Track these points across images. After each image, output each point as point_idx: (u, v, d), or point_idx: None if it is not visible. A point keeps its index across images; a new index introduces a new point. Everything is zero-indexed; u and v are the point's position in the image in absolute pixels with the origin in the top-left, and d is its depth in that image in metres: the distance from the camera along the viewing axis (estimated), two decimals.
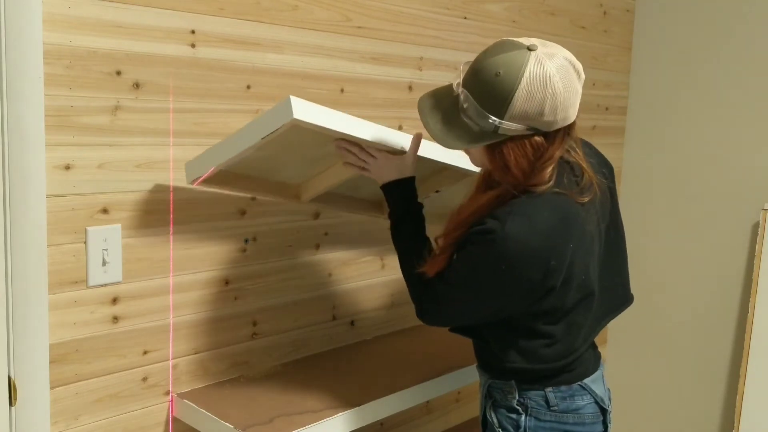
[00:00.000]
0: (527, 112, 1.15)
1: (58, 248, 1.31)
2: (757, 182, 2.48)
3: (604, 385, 1.41)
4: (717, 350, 2.61)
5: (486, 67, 1.17)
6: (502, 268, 1.21)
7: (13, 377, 1.26)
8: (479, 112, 1.17)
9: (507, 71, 1.14)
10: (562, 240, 1.23)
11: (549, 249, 1.21)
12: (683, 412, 2.72)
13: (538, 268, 1.21)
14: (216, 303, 1.57)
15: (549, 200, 1.22)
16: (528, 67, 1.14)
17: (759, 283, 2.37)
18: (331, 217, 1.77)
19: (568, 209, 1.24)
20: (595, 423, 1.36)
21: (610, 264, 1.40)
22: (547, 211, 1.22)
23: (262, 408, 1.45)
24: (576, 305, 1.30)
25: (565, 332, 1.31)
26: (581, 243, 1.27)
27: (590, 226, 1.29)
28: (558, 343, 1.31)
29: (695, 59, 2.61)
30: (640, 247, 2.78)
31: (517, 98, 1.14)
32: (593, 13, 2.55)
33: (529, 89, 1.14)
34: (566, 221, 1.24)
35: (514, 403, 1.34)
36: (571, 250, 1.24)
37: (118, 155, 1.37)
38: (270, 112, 1.27)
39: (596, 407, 1.36)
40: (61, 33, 1.27)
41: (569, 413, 1.34)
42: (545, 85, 1.14)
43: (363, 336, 1.92)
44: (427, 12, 1.92)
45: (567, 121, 1.21)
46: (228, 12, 1.50)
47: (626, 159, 2.82)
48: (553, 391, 1.33)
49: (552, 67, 1.15)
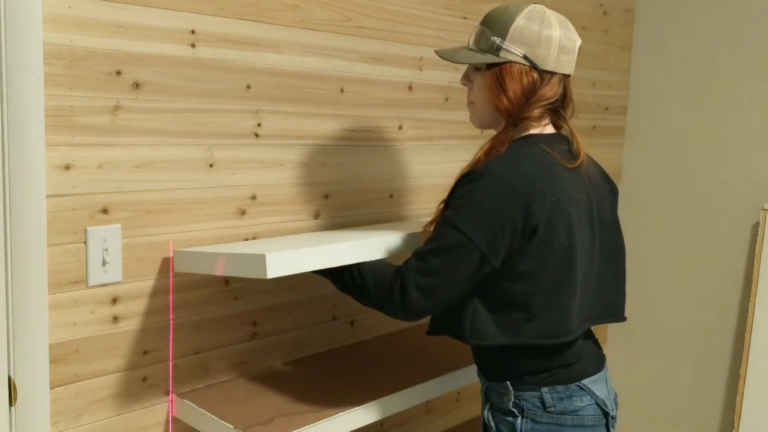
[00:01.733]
0: (525, 35, 1.30)
1: (58, 248, 1.31)
2: (757, 182, 2.48)
3: (608, 388, 1.38)
4: (717, 350, 2.62)
5: (497, 7, 1.37)
6: (486, 204, 1.24)
7: (13, 377, 1.26)
8: (485, 36, 1.33)
9: (514, 5, 1.35)
10: (544, 187, 1.26)
11: (530, 192, 1.24)
12: (683, 412, 2.72)
13: (520, 206, 1.24)
14: (216, 303, 1.57)
15: (535, 153, 1.30)
16: (532, 5, 1.35)
17: (759, 283, 2.37)
18: (331, 217, 1.77)
19: (553, 165, 1.30)
20: (596, 426, 1.33)
21: (607, 273, 1.41)
22: (531, 159, 1.29)
23: (262, 408, 1.45)
24: (556, 278, 1.28)
25: (544, 308, 1.28)
26: (564, 202, 1.28)
27: (578, 195, 1.32)
28: (537, 320, 1.28)
29: (695, 59, 2.61)
30: (640, 247, 2.78)
31: (518, 22, 1.31)
32: (593, 13, 2.55)
33: (529, 16, 1.31)
34: (550, 173, 1.29)
35: (510, 406, 1.33)
36: (552, 203, 1.26)
37: (118, 155, 1.37)
38: (247, 259, 1.28)
39: (597, 409, 1.34)
40: (61, 33, 1.27)
41: (567, 415, 1.31)
42: (543, 19, 1.32)
43: (363, 336, 1.92)
44: (427, 12, 1.92)
45: (561, 67, 1.33)
46: (228, 12, 1.50)
47: (626, 159, 2.82)
48: (549, 391, 1.31)
49: (552, 13, 1.34)
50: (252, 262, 1.26)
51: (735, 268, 2.55)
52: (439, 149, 2.03)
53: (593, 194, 1.37)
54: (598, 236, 1.37)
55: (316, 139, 1.71)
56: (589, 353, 1.38)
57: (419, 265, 1.28)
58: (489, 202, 1.23)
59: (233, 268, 1.32)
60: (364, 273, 1.36)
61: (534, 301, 1.28)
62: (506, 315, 1.29)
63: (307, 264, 1.30)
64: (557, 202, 1.27)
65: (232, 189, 1.56)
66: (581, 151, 1.36)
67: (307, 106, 1.68)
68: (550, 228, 1.26)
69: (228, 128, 1.53)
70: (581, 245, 1.32)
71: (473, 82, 1.38)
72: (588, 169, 1.37)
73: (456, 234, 1.25)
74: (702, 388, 2.66)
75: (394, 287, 1.30)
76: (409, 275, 1.28)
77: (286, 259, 1.26)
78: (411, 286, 1.27)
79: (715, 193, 2.58)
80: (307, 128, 1.68)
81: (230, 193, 1.56)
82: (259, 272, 1.24)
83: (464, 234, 1.24)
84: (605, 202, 1.41)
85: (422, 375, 1.64)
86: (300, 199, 1.70)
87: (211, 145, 1.51)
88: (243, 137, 1.56)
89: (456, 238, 1.25)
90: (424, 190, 2.01)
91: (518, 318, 1.28)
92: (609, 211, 1.42)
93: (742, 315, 2.54)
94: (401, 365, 1.72)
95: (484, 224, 1.24)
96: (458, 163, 2.05)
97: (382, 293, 1.32)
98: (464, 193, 1.27)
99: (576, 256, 1.31)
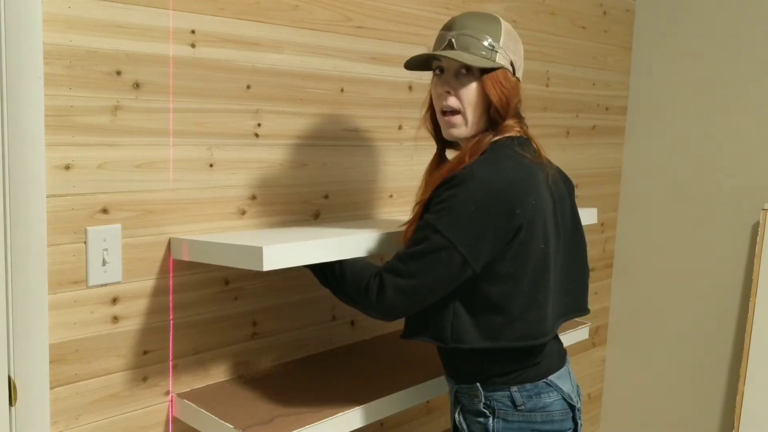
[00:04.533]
0: (508, 43, 1.34)
1: (58, 248, 1.31)
2: (757, 182, 2.48)
3: (571, 381, 1.41)
4: (717, 350, 2.62)
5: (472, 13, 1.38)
6: (471, 209, 1.24)
7: (13, 377, 1.26)
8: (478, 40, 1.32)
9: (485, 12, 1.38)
10: (526, 191, 1.27)
11: (514, 195, 1.26)
12: (683, 412, 2.72)
13: (503, 210, 1.25)
14: (216, 303, 1.57)
15: (515, 156, 1.31)
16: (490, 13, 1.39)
17: (759, 283, 2.37)
18: (331, 218, 1.77)
19: (533, 168, 1.32)
20: (564, 420, 1.36)
21: (571, 268, 1.44)
22: (513, 163, 1.30)
23: (262, 408, 1.45)
24: (534, 280, 1.30)
25: (523, 310, 1.30)
26: (543, 205, 1.31)
27: (545, 195, 1.34)
28: (516, 322, 1.29)
29: (695, 59, 2.61)
30: (639, 247, 2.78)
31: (505, 28, 1.35)
32: (593, 13, 2.55)
33: (508, 26, 1.36)
34: (531, 176, 1.30)
35: (481, 407, 1.35)
36: (532, 206, 1.28)
37: (118, 155, 1.37)
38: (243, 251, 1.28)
39: (564, 404, 1.37)
40: (61, 33, 1.27)
41: (537, 412, 1.34)
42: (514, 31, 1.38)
43: (363, 336, 1.92)
44: (427, 12, 1.92)
45: (520, 70, 1.38)
46: (228, 12, 1.50)
47: (626, 159, 2.82)
48: (519, 390, 1.33)
49: None
50: (248, 254, 1.26)
51: (735, 268, 2.55)
52: None
53: (555, 192, 1.39)
54: (561, 233, 1.40)
55: (316, 139, 1.71)
56: (553, 349, 1.40)
57: (399, 266, 1.29)
58: (473, 207, 1.24)
59: (229, 259, 1.32)
60: (344, 269, 1.37)
61: (513, 303, 1.29)
62: (486, 318, 1.30)
63: (304, 258, 1.30)
64: (536, 205, 1.29)
65: (232, 189, 1.56)
66: (542, 152, 1.38)
67: (307, 106, 1.68)
68: (530, 230, 1.28)
69: (228, 128, 1.53)
70: (553, 245, 1.34)
71: (456, 88, 1.33)
72: (548, 169, 1.39)
73: (438, 237, 1.25)
74: (702, 388, 2.66)
75: (371, 286, 1.30)
76: (388, 276, 1.29)
77: (283, 252, 1.26)
78: (389, 287, 1.28)
79: (715, 193, 2.58)
80: (307, 128, 1.68)
81: (230, 193, 1.56)
82: (255, 264, 1.25)
83: (446, 238, 1.24)
84: (565, 199, 1.44)
85: (422, 375, 1.64)
86: (300, 199, 1.70)
87: (211, 145, 1.51)
88: (243, 137, 1.56)
89: (438, 241, 1.25)
90: None
91: (498, 321, 1.30)
92: (569, 206, 1.45)
93: (742, 315, 2.54)
94: (401, 365, 1.72)
95: (468, 229, 1.24)
96: None
97: (359, 290, 1.33)
98: (447, 198, 1.26)
99: (550, 256, 1.33)
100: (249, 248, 1.26)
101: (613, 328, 2.91)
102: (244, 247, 1.28)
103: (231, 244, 1.31)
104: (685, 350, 2.70)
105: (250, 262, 1.26)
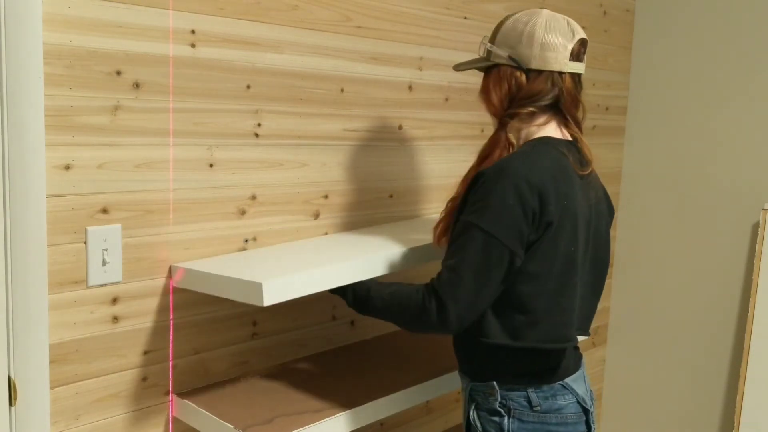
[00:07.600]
0: (509, 37, 1.36)
1: (58, 248, 1.31)
2: (757, 182, 2.48)
3: (585, 385, 1.41)
4: (717, 350, 2.62)
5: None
6: (508, 201, 1.24)
7: (13, 377, 1.26)
8: (482, 43, 1.41)
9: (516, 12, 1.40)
10: (558, 187, 1.27)
11: (546, 188, 1.25)
12: (683, 412, 2.72)
13: (537, 200, 1.24)
14: (216, 303, 1.57)
15: (552, 154, 1.31)
16: (530, 9, 1.39)
17: (759, 283, 2.37)
18: (331, 217, 1.77)
19: (568, 169, 1.31)
20: (577, 423, 1.36)
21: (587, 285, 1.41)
22: (548, 159, 1.30)
23: (262, 408, 1.45)
24: (559, 282, 1.29)
25: (547, 311, 1.29)
26: (573, 207, 1.29)
27: (583, 203, 1.33)
28: (540, 323, 1.29)
29: (695, 59, 2.61)
30: (639, 247, 2.78)
31: (506, 25, 1.37)
32: (593, 13, 2.55)
33: (516, 19, 1.37)
34: (564, 175, 1.30)
35: (497, 405, 1.34)
36: (564, 205, 1.27)
37: (118, 155, 1.37)
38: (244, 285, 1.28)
39: (578, 407, 1.36)
40: (61, 33, 1.27)
41: (552, 413, 1.33)
42: (529, 19, 1.35)
43: (363, 336, 1.92)
44: (427, 12, 1.92)
45: (546, 64, 1.34)
46: (228, 12, 1.50)
47: (626, 159, 2.82)
48: (535, 391, 1.33)
49: (544, 13, 1.36)
50: (248, 288, 1.26)
51: (735, 268, 2.55)
52: (439, 149, 2.03)
53: (594, 207, 1.38)
54: (590, 249, 1.38)
55: (316, 139, 1.71)
56: (570, 353, 1.39)
57: (452, 278, 1.26)
58: (510, 199, 1.24)
59: (229, 292, 1.32)
60: (387, 301, 1.35)
61: (538, 303, 1.29)
62: (510, 316, 1.30)
63: (305, 289, 1.31)
64: (568, 206, 1.28)
65: (232, 189, 1.56)
66: (591, 160, 1.37)
67: (307, 106, 1.68)
68: (559, 228, 1.27)
69: (228, 128, 1.53)
70: (581, 255, 1.33)
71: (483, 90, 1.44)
72: (594, 182, 1.38)
73: (484, 236, 1.24)
74: (702, 388, 2.66)
75: (429, 308, 1.28)
76: (445, 290, 1.26)
77: (284, 285, 1.26)
78: (449, 302, 1.26)
79: (715, 193, 2.58)
80: (307, 128, 1.68)
81: (230, 193, 1.56)
82: (255, 299, 1.25)
83: (492, 236, 1.24)
84: (602, 219, 1.42)
85: (422, 375, 1.64)
86: (300, 199, 1.70)
87: (211, 145, 1.51)
88: (243, 137, 1.56)
89: (485, 240, 1.24)
90: (424, 190, 2.01)
91: (522, 320, 1.29)
92: (604, 227, 1.43)
93: (742, 315, 2.54)
94: (401, 365, 1.72)
95: (509, 221, 1.24)
96: (458, 163, 2.05)
97: (415, 316, 1.30)
98: (484, 194, 1.26)
99: (577, 262, 1.32)
100: (249, 283, 1.26)
101: (613, 328, 2.91)
102: (244, 281, 1.28)
103: (231, 277, 1.31)
104: (685, 350, 2.70)
105: (251, 296, 1.26)
